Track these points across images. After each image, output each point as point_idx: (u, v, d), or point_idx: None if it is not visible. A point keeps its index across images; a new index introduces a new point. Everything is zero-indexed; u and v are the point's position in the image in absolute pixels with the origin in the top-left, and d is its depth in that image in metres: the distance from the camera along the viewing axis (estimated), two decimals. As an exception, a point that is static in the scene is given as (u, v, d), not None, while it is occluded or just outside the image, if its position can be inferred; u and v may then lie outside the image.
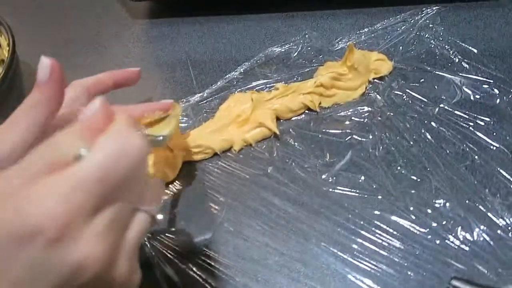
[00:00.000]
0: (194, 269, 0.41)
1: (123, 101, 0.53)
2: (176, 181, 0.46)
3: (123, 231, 0.25)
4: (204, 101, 0.52)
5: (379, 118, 0.48)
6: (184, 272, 0.41)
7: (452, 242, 0.40)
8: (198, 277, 0.40)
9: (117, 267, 0.24)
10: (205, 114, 0.51)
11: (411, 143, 0.46)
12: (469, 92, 0.49)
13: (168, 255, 0.42)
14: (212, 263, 0.41)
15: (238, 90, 0.52)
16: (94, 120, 0.24)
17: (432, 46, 0.53)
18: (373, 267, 0.39)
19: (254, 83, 0.53)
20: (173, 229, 0.43)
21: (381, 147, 0.46)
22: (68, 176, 0.22)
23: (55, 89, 0.28)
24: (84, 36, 0.63)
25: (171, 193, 0.46)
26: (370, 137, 0.47)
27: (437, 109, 0.48)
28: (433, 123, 0.47)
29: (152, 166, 0.45)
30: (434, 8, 0.57)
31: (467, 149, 0.45)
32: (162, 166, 0.46)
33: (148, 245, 0.42)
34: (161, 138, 0.35)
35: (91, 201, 0.22)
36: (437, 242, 0.40)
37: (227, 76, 0.54)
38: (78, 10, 0.67)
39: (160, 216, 0.27)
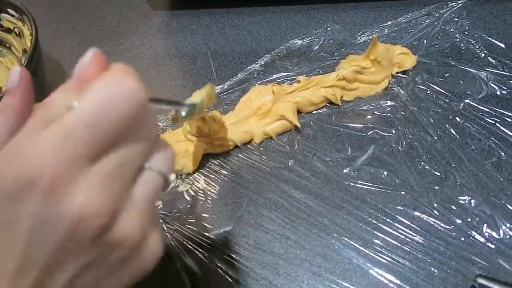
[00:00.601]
0: (214, 260, 0.41)
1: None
2: (196, 173, 0.46)
3: (127, 185, 0.23)
4: (224, 93, 0.52)
5: (403, 113, 0.47)
6: (204, 263, 0.41)
7: (477, 239, 0.39)
8: (218, 269, 0.40)
9: (124, 223, 0.22)
10: (225, 106, 0.51)
11: (435, 138, 0.45)
12: (496, 87, 0.48)
13: (189, 246, 0.42)
14: (233, 255, 0.41)
15: (259, 82, 0.52)
16: (86, 71, 0.23)
17: (457, 40, 0.52)
18: (395, 262, 0.39)
19: (274, 76, 0.52)
20: (194, 220, 0.43)
21: (404, 142, 0.45)
22: (58, 127, 0.21)
23: (24, 94, 0.27)
24: (105, 27, 0.63)
25: (191, 184, 0.45)
26: (393, 131, 0.46)
27: (462, 104, 0.47)
28: (458, 119, 0.46)
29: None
30: (459, 2, 0.56)
31: (493, 145, 0.44)
32: (182, 157, 0.46)
33: (169, 236, 0.42)
34: (191, 104, 0.36)
35: (84, 147, 0.21)
36: (462, 239, 0.39)
37: (247, 68, 0.54)
38: (99, 1, 0.66)
39: (173, 177, 0.25)
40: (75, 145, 0.21)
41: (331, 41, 0.55)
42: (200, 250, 0.42)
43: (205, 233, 0.42)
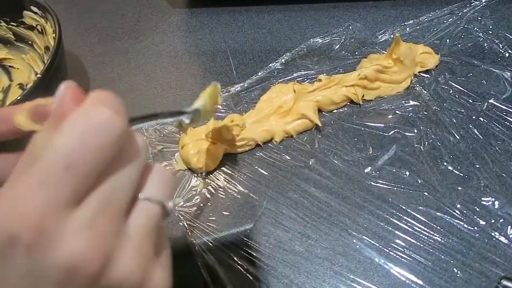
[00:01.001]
0: (235, 258, 0.41)
1: (164, 92, 0.54)
2: (217, 171, 0.46)
3: (119, 221, 0.21)
4: (244, 91, 0.52)
5: (425, 113, 0.47)
6: (225, 261, 0.41)
7: (501, 241, 0.39)
8: (239, 267, 0.41)
9: (121, 263, 0.21)
10: (245, 105, 0.51)
11: (458, 138, 0.45)
12: (520, 87, 0.47)
13: (210, 243, 0.42)
14: (253, 253, 0.41)
15: (279, 80, 0.52)
16: (61, 106, 0.22)
17: (481, 39, 0.52)
18: (417, 263, 0.38)
19: (295, 74, 0.52)
20: (214, 218, 0.43)
21: (426, 142, 0.45)
22: (35, 173, 0.20)
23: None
24: (125, 25, 0.63)
25: (212, 182, 0.46)
26: (415, 131, 0.46)
27: (485, 105, 0.47)
28: (481, 119, 0.46)
29: (194, 156, 0.45)
30: (483, 1, 0.55)
31: (518, 146, 0.43)
32: (203, 157, 0.46)
33: (189, 233, 0.42)
34: (190, 111, 0.35)
35: (65, 191, 0.19)
36: (485, 240, 0.39)
37: (267, 66, 0.54)
38: (118, -1, 0.67)
39: (171, 204, 0.23)
40: (55, 191, 0.19)
41: (352, 39, 0.54)
42: (221, 247, 0.42)
43: (226, 231, 0.42)
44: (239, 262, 0.41)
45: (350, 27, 0.55)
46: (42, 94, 0.44)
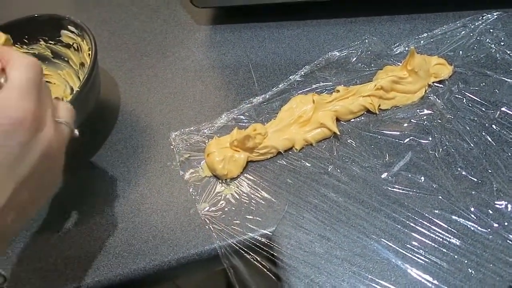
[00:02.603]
0: (258, 259, 0.44)
1: (190, 104, 0.57)
2: (241, 177, 0.49)
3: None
4: (265, 103, 0.55)
5: (439, 121, 0.49)
6: (249, 262, 0.44)
7: (514, 243, 0.40)
8: (262, 267, 0.43)
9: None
10: (267, 115, 0.53)
11: (472, 145, 0.47)
12: (532, 96, 0.49)
13: (235, 246, 0.44)
14: (276, 254, 0.43)
15: (299, 92, 0.54)
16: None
17: (493, 51, 0.54)
18: (433, 263, 0.40)
19: (314, 86, 0.55)
20: (239, 221, 0.46)
21: (441, 149, 0.47)
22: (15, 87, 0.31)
23: None
24: (152, 42, 0.67)
25: (236, 187, 0.48)
26: (430, 139, 0.48)
27: (498, 113, 0.48)
28: (494, 126, 0.47)
29: (219, 163, 0.48)
30: (495, 14, 0.57)
31: (530, 152, 0.45)
32: (228, 164, 0.48)
33: (215, 236, 0.45)
34: None
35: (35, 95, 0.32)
36: (499, 242, 0.40)
37: (288, 79, 0.56)
38: (146, 17, 0.71)
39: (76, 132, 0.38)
40: (33, 95, 0.32)
41: (368, 52, 0.57)
42: (245, 249, 0.44)
43: (250, 234, 0.45)
44: (262, 263, 0.43)
45: (366, 41, 0.58)
46: (80, 106, 0.49)
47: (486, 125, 0.48)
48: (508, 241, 0.40)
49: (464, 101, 0.50)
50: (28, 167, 0.31)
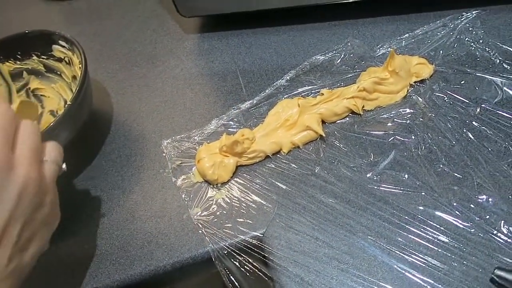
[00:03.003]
0: (250, 260, 0.45)
1: (181, 111, 0.59)
2: (231, 181, 0.50)
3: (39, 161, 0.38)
4: (253, 108, 0.56)
5: (421, 119, 0.50)
6: (241, 263, 0.45)
7: (495, 235, 0.41)
8: (254, 268, 0.44)
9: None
10: (255, 120, 0.55)
11: (453, 142, 0.48)
12: (510, 92, 0.50)
13: (227, 248, 0.46)
14: (267, 255, 0.45)
15: (285, 96, 0.56)
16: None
17: (473, 49, 0.55)
18: (418, 258, 0.41)
19: (300, 89, 0.56)
20: (230, 224, 0.47)
21: (423, 147, 0.48)
22: None
23: None
24: (142, 52, 0.68)
25: (227, 192, 0.50)
26: (413, 137, 0.49)
27: (478, 109, 0.50)
28: (474, 123, 0.49)
29: (210, 168, 0.50)
30: (473, 12, 0.58)
31: (509, 147, 0.46)
32: (218, 169, 0.50)
33: (208, 239, 0.46)
34: None
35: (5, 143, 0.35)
36: (481, 235, 0.42)
37: (274, 83, 0.58)
38: (136, 28, 0.73)
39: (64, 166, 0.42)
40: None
41: (352, 55, 0.58)
42: (237, 251, 0.46)
43: (241, 236, 0.46)
44: (254, 264, 0.45)
45: (349, 44, 0.59)
46: (73, 117, 0.50)
47: (467, 122, 0.49)
48: (489, 234, 0.42)
49: (445, 99, 0.51)
50: (8, 205, 0.34)
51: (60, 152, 0.41)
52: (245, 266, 0.45)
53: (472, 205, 0.44)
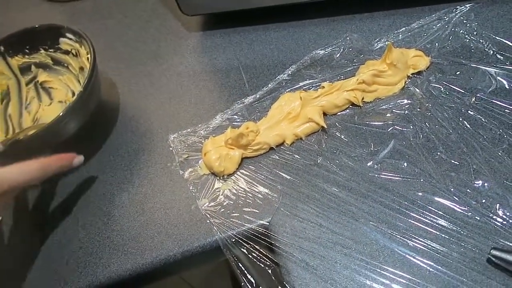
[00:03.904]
0: (257, 247, 0.47)
1: (186, 107, 0.60)
2: (237, 173, 0.52)
3: None
4: (256, 102, 0.58)
5: (419, 110, 0.52)
6: (249, 251, 0.47)
7: (491, 218, 0.43)
8: (261, 255, 0.46)
9: None
10: (258, 113, 0.57)
11: (450, 131, 0.50)
12: (504, 81, 0.52)
13: (234, 237, 0.48)
14: (273, 242, 0.46)
15: (287, 90, 0.58)
16: None
17: (467, 41, 0.57)
18: (418, 242, 0.43)
19: (301, 83, 0.58)
20: (237, 214, 0.49)
21: (421, 136, 0.50)
22: None
23: None
24: (147, 50, 0.70)
25: (233, 183, 0.52)
26: (411, 127, 0.51)
27: (473, 99, 0.52)
28: (470, 112, 0.51)
29: (216, 161, 0.51)
30: (467, 5, 0.60)
31: (504, 134, 0.48)
32: (224, 161, 0.52)
33: (216, 229, 0.48)
34: None
35: None
36: (477, 218, 0.44)
37: (276, 78, 0.60)
38: (139, 27, 0.74)
39: None
40: None
41: (351, 49, 0.60)
42: (244, 239, 0.48)
43: (248, 225, 0.48)
44: (261, 251, 0.47)
45: (348, 38, 0.61)
46: (83, 106, 0.53)
47: (463, 111, 0.51)
48: (485, 217, 0.43)
49: (442, 89, 0.53)
50: None
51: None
52: (253, 253, 0.47)
53: (468, 190, 0.45)
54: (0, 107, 0.62)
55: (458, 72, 0.54)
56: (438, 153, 0.49)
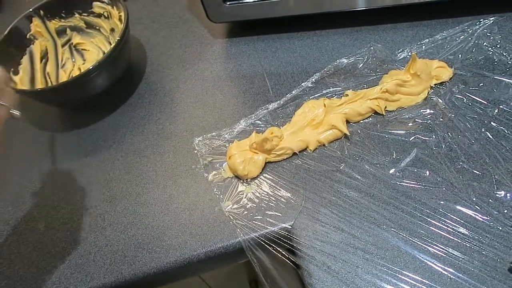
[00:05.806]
0: (279, 250, 0.48)
1: (210, 111, 0.62)
2: (261, 177, 0.53)
3: None
4: (280, 108, 0.59)
5: (441, 120, 0.53)
6: (271, 253, 0.48)
7: (513, 228, 0.44)
8: (283, 257, 0.47)
9: None
10: (282, 119, 0.58)
11: (472, 141, 0.50)
12: (527, 94, 0.53)
13: (257, 239, 0.49)
14: (295, 245, 0.47)
15: (311, 97, 0.59)
16: None
17: (491, 53, 0.58)
18: (439, 249, 0.44)
19: (324, 91, 0.59)
20: (260, 217, 0.50)
21: (443, 145, 0.51)
22: None
23: None
24: (173, 56, 0.72)
25: (257, 186, 0.53)
26: (433, 136, 0.52)
27: (496, 110, 0.52)
28: (492, 123, 0.51)
29: (240, 164, 0.53)
30: (491, 18, 0.61)
31: (526, 145, 0.49)
32: (248, 165, 0.53)
33: (239, 231, 0.49)
34: None
35: None
36: (499, 228, 0.44)
37: (300, 85, 0.61)
38: (166, 33, 0.76)
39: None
40: None
41: (374, 58, 0.61)
42: (267, 242, 0.49)
43: (271, 228, 0.49)
44: (283, 253, 0.48)
45: (372, 48, 0.62)
46: (114, 61, 0.61)
47: (485, 122, 0.52)
48: (507, 227, 0.44)
49: (465, 100, 0.54)
50: None
51: (12, 97, 0.46)
52: (275, 256, 0.48)
53: (490, 200, 0.46)
54: (40, 65, 0.68)
55: (481, 84, 0.55)
56: (460, 163, 0.49)
